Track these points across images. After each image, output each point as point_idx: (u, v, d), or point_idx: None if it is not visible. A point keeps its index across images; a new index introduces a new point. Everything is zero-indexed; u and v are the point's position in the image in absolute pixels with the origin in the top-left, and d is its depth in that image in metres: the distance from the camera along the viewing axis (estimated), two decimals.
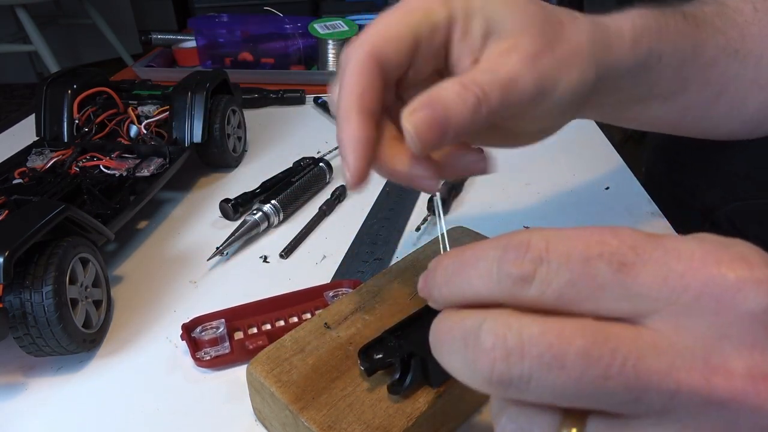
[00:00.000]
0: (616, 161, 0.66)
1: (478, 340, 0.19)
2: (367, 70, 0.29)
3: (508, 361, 0.18)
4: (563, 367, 0.17)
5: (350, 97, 0.29)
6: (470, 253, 0.21)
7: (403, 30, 0.29)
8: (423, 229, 0.54)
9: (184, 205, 0.61)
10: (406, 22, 0.29)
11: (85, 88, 0.63)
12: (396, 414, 0.30)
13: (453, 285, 0.21)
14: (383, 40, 0.29)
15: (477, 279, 0.20)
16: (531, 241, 0.19)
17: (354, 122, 0.28)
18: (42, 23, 2.59)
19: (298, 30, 0.95)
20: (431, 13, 0.30)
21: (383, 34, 0.29)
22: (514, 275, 0.19)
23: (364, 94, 0.29)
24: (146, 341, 0.43)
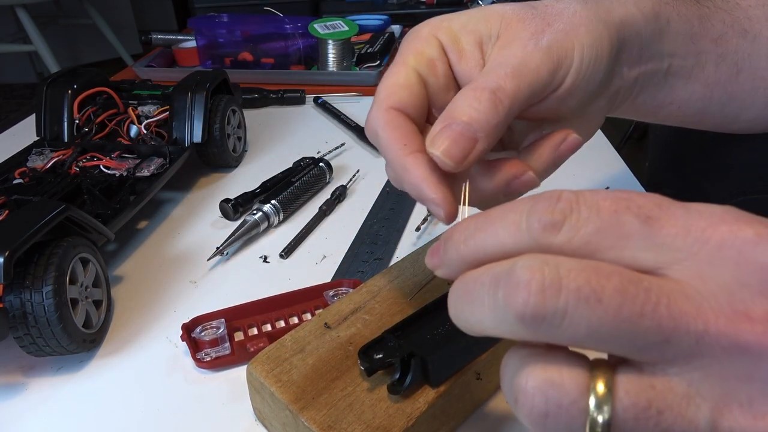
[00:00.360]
0: (616, 161, 0.66)
1: (513, 276, 0.19)
2: (394, 121, 0.30)
3: (544, 294, 0.18)
4: (600, 302, 0.18)
5: (396, 147, 0.29)
6: (497, 209, 0.21)
7: (404, 76, 0.31)
8: (423, 229, 0.54)
9: (184, 205, 0.61)
10: (405, 68, 0.31)
11: (85, 88, 0.63)
12: (396, 414, 0.30)
13: (476, 239, 0.21)
14: (393, 93, 0.30)
15: (503, 230, 0.20)
16: (562, 194, 0.20)
17: (412, 165, 0.29)
18: (42, 23, 2.59)
19: (298, 30, 0.95)
20: (422, 51, 0.31)
21: (390, 87, 0.31)
22: (544, 221, 0.19)
23: (405, 139, 0.29)
24: (146, 341, 0.43)
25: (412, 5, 1.28)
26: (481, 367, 0.34)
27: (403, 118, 0.30)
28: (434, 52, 0.31)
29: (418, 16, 1.25)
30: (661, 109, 0.40)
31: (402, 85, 0.31)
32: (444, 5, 1.26)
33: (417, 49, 0.31)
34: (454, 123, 0.28)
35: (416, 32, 0.33)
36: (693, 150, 0.61)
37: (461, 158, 0.27)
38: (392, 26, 1.16)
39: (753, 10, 0.39)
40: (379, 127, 0.30)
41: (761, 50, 0.39)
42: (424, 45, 0.32)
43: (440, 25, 0.32)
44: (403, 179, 0.29)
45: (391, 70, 0.32)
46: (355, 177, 0.64)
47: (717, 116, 0.42)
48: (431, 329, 0.33)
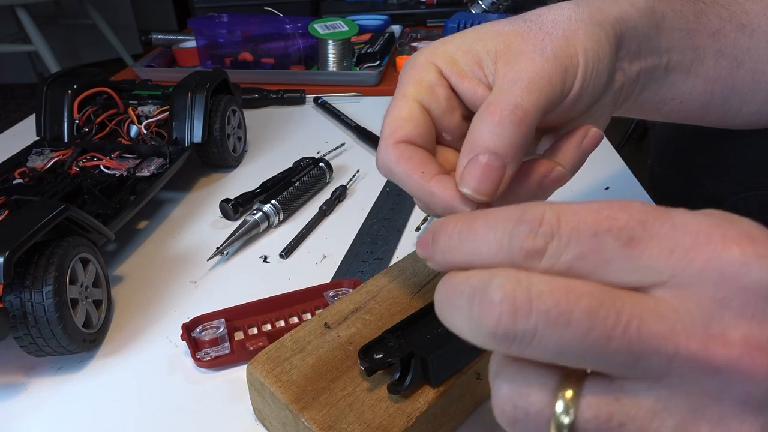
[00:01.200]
0: (616, 161, 0.66)
1: (486, 294, 0.19)
2: (405, 153, 0.30)
3: (515, 316, 0.18)
4: (569, 324, 0.18)
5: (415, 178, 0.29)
6: (481, 222, 0.21)
7: (407, 108, 0.31)
8: (423, 229, 0.54)
9: (184, 205, 0.61)
10: (406, 101, 0.31)
11: (85, 88, 0.63)
12: (396, 414, 0.30)
13: (459, 252, 0.21)
14: (399, 127, 0.30)
15: (486, 248, 0.20)
16: (544, 215, 0.19)
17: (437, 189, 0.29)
18: (42, 23, 2.59)
19: (298, 30, 0.95)
20: (420, 80, 0.31)
21: (395, 122, 0.31)
22: (526, 248, 0.19)
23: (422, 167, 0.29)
24: (146, 341, 0.43)
25: (412, 5, 1.28)
26: (482, 367, 0.34)
27: (412, 148, 0.30)
28: (433, 78, 0.31)
29: (418, 16, 1.25)
30: (664, 105, 0.40)
31: (406, 118, 0.31)
32: (444, 5, 1.26)
33: (415, 78, 0.32)
34: (480, 154, 0.27)
35: (412, 62, 0.33)
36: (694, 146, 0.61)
37: (493, 190, 0.27)
38: (392, 26, 1.16)
39: (750, 4, 0.39)
40: (392, 162, 0.30)
41: (760, 44, 0.39)
42: (421, 73, 0.32)
43: (435, 50, 0.32)
44: (433, 205, 0.29)
45: (393, 104, 0.32)
46: (355, 177, 0.64)
47: (719, 111, 0.42)
48: (431, 329, 0.33)
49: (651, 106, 0.39)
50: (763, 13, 0.39)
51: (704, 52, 0.38)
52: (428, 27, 1.22)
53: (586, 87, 0.31)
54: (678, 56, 0.37)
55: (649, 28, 0.34)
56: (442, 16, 1.20)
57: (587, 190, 0.60)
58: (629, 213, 0.19)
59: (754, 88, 0.41)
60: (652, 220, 0.19)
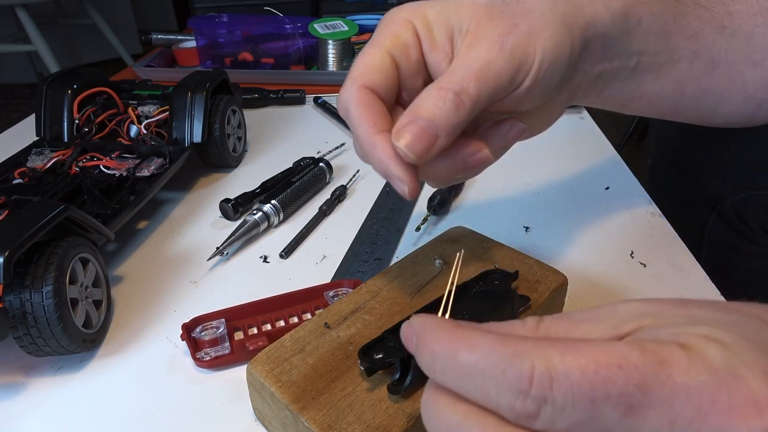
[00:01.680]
0: (616, 161, 0.66)
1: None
2: (366, 99, 0.31)
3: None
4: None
5: (365, 125, 0.31)
6: (465, 356, 0.19)
7: (379, 57, 0.32)
8: (423, 229, 0.54)
9: (184, 205, 0.61)
10: (380, 50, 0.32)
11: (85, 88, 0.63)
12: (396, 414, 0.30)
13: (444, 379, 0.20)
14: (367, 72, 0.32)
15: (472, 390, 0.19)
16: (534, 373, 0.18)
17: (380, 144, 0.30)
18: (42, 23, 2.59)
19: (298, 30, 0.95)
20: (398, 35, 0.32)
21: (365, 67, 0.32)
22: (517, 410, 0.18)
23: (375, 118, 0.31)
24: (146, 341, 0.43)
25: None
26: None
27: (374, 97, 0.32)
28: (409, 38, 0.33)
29: None
30: (630, 102, 0.40)
31: (376, 66, 0.32)
32: None
33: (393, 32, 0.33)
34: (419, 119, 0.29)
35: (393, 15, 0.33)
36: (695, 146, 0.61)
37: (423, 152, 0.29)
38: None
39: (735, 5, 0.39)
40: (351, 103, 0.31)
41: (739, 45, 0.39)
42: (400, 29, 0.33)
43: (417, 11, 0.33)
44: (370, 156, 0.31)
45: (366, 50, 0.33)
46: (355, 177, 0.64)
47: (691, 110, 0.42)
48: None
49: (615, 102, 0.40)
50: (746, 13, 0.39)
51: (679, 53, 0.38)
52: None
53: (537, 85, 0.32)
54: (649, 58, 0.37)
55: (619, 33, 0.35)
56: None
57: (587, 190, 0.60)
58: (627, 373, 0.18)
59: (731, 89, 0.41)
60: (651, 382, 0.17)
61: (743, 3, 0.39)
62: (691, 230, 0.61)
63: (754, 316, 0.20)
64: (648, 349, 0.18)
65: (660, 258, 0.49)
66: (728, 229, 0.58)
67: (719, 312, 0.20)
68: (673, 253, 0.50)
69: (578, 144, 0.69)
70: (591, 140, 0.71)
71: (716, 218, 0.59)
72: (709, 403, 0.17)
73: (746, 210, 0.56)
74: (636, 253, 0.50)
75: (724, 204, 0.58)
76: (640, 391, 0.17)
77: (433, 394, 0.21)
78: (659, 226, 0.54)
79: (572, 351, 0.18)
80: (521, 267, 0.40)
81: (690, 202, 0.61)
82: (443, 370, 0.20)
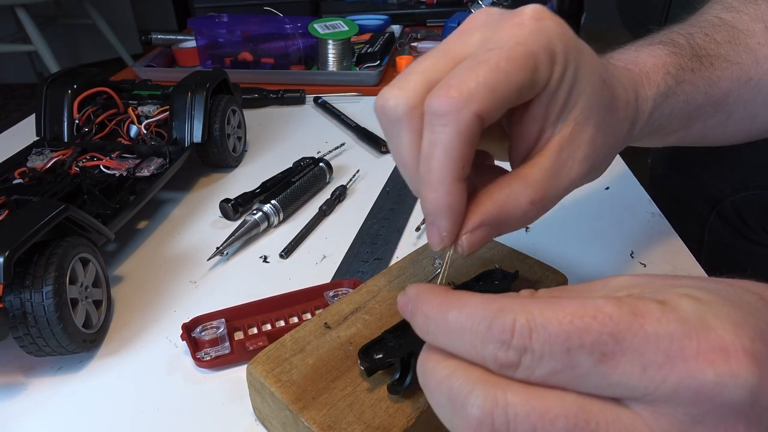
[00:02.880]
0: (616, 161, 0.66)
1: (465, 409, 0.20)
2: (473, 134, 0.25)
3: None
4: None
5: (453, 166, 0.25)
6: (454, 317, 0.21)
7: (511, 87, 0.25)
8: (423, 229, 0.54)
9: (184, 205, 0.61)
10: (515, 77, 0.25)
11: (85, 88, 0.63)
12: (396, 414, 0.30)
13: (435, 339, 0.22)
14: (493, 101, 0.25)
15: (460, 346, 0.21)
16: (515, 325, 0.19)
17: (455, 194, 0.26)
18: (42, 23, 2.59)
19: (298, 30, 0.95)
20: (537, 70, 0.26)
21: (493, 92, 0.25)
22: (500, 360, 0.20)
23: (465, 160, 0.25)
24: (146, 341, 0.43)
25: (412, 5, 1.28)
26: None
27: (478, 134, 0.26)
28: (542, 81, 0.27)
29: (418, 16, 1.25)
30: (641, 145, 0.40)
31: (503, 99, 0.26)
32: (444, 5, 1.26)
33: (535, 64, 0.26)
34: (494, 228, 0.28)
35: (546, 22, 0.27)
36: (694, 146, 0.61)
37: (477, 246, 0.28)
38: (392, 26, 1.16)
39: (762, 49, 0.38)
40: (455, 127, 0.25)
41: (761, 93, 0.39)
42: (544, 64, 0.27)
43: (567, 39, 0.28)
44: (432, 188, 0.26)
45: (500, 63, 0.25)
46: (355, 177, 0.64)
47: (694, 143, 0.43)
48: None
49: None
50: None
51: (696, 120, 0.38)
52: (428, 27, 1.22)
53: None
54: (664, 129, 0.37)
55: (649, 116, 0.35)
56: (442, 16, 1.20)
57: (587, 190, 0.60)
58: (601, 323, 0.19)
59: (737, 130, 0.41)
60: (624, 331, 0.18)
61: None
62: (691, 230, 0.61)
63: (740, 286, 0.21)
64: (624, 303, 0.19)
65: (660, 258, 0.49)
66: (728, 229, 0.58)
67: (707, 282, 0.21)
68: (673, 253, 0.50)
69: None
70: None
71: (716, 218, 0.59)
72: (678, 349, 0.18)
73: (746, 210, 0.56)
74: (636, 253, 0.50)
75: (724, 204, 0.58)
76: (612, 339, 0.18)
77: (426, 355, 0.23)
78: (659, 226, 0.54)
79: (552, 306, 0.19)
80: (521, 267, 0.40)
81: (690, 202, 0.61)
82: (435, 330, 0.22)
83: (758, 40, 0.39)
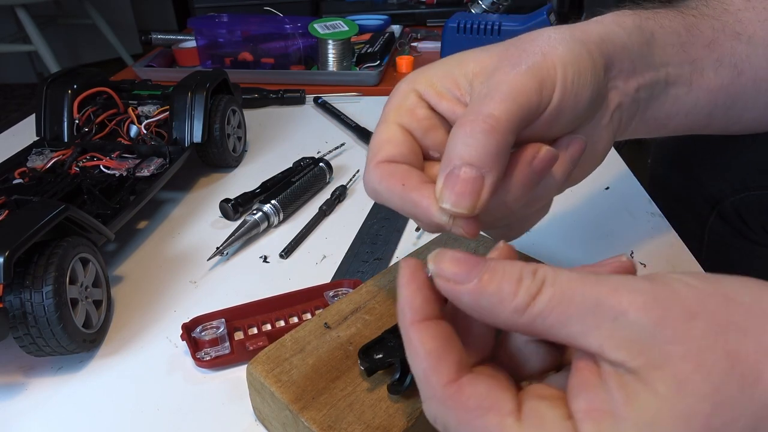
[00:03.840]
0: (616, 161, 0.66)
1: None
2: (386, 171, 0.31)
3: None
4: None
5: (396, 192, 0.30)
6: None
7: (387, 131, 0.32)
8: (423, 229, 0.54)
9: (184, 205, 0.61)
10: (386, 125, 0.32)
11: (85, 88, 0.63)
12: (396, 414, 0.30)
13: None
14: (380, 149, 0.31)
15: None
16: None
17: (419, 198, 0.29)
18: (42, 23, 2.59)
19: (298, 30, 0.95)
20: (400, 105, 0.32)
21: (378, 145, 0.32)
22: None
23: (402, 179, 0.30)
24: (146, 341, 0.43)
25: (412, 5, 1.28)
26: None
27: (393, 165, 0.30)
28: (412, 101, 0.32)
29: (418, 16, 1.25)
30: (670, 121, 0.40)
31: (386, 140, 0.31)
32: (444, 5, 1.26)
33: (395, 104, 0.32)
34: (454, 167, 0.27)
35: (394, 91, 0.33)
36: (695, 146, 0.61)
37: (473, 202, 0.27)
38: (392, 26, 1.16)
39: (743, 13, 0.39)
40: (375, 182, 0.30)
41: (758, 50, 0.39)
42: (401, 99, 0.32)
43: (415, 78, 0.33)
44: (417, 216, 0.29)
45: (375, 130, 0.33)
46: (355, 177, 0.64)
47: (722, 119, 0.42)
48: None
49: (657, 123, 0.39)
50: (757, 20, 0.39)
51: (702, 63, 0.38)
52: (428, 27, 1.22)
53: (567, 100, 0.30)
54: (676, 70, 0.37)
55: (639, 45, 0.34)
56: (442, 16, 1.20)
57: (587, 190, 0.60)
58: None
59: (756, 96, 0.41)
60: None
61: (750, 11, 0.39)
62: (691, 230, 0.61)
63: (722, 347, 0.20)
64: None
65: (660, 258, 0.49)
66: (729, 229, 0.58)
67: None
68: (673, 253, 0.50)
69: None
70: None
71: (716, 218, 0.59)
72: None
73: (747, 210, 0.56)
74: (636, 253, 0.50)
75: (725, 204, 0.58)
76: None
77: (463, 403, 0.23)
78: (659, 226, 0.54)
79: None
80: None
81: (690, 202, 0.61)
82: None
83: (737, 6, 0.39)
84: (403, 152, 0.31)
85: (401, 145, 0.31)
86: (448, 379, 0.22)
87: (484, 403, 0.22)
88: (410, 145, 0.32)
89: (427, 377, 0.23)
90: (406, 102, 0.32)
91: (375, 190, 0.31)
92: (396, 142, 0.31)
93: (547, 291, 0.21)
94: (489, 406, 0.21)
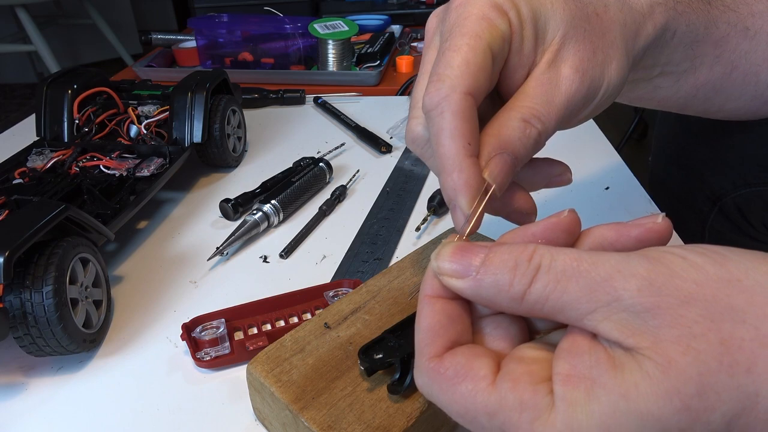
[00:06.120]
0: (616, 161, 0.66)
1: None
2: (468, 111, 0.27)
3: None
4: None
5: (459, 144, 0.27)
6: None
7: (482, 55, 0.27)
8: (423, 229, 0.54)
9: (184, 205, 0.61)
10: (481, 43, 0.27)
11: (85, 88, 0.63)
12: (396, 414, 0.30)
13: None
14: (471, 74, 0.27)
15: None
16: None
17: (468, 169, 0.27)
18: (42, 23, 2.59)
19: (298, 30, 0.95)
20: (496, 26, 0.28)
21: (467, 66, 0.27)
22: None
23: (470, 136, 0.27)
24: (146, 341, 0.43)
25: (412, 5, 1.28)
26: None
27: (474, 110, 0.27)
28: (506, 31, 0.28)
29: (418, 16, 1.25)
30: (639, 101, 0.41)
31: (479, 65, 0.27)
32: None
33: (490, 22, 0.28)
34: (506, 153, 0.27)
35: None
36: (696, 142, 0.61)
37: (504, 185, 0.28)
38: (392, 26, 1.16)
39: (757, 5, 0.39)
40: (448, 111, 0.26)
41: (760, 46, 0.39)
42: (497, 19, 0.28)
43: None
44: (446, 179, 0.27)
45: (458, 43, 0.27)
46: (355, 177, 0.64)
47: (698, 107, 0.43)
48: None
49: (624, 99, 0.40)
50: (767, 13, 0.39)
51: (702, 60, 0.38)
52: None
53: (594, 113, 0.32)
54: (672, 68, 0.37)
55: (653, 48, 0.35)
56: None
57: (587, 190, 0.60)
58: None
59: (742, 88, 0.41)
60: None
61: (764, 3, 0.39)
62: (692, 226, 0.61)
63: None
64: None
65: None
66: (730, 226, 0.58)
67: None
68: None
69: (578, 144, 0.69)
70: (591, 140, 0.71)
71: (717, 214, 0.59)
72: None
73: (748, 206, 0.56)
74: None
75: (726, 200, 0.58)
76: None
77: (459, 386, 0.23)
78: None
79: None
80: None
81: (691, 198, 0.61)
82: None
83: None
84: (485, 90, 0.28)
85: (490, 79, 0.28)
86: (435, 354, 0.23)
87: (461, 372, 0.23)
88: (493, 83, 0.29)
89: (420, 350, 0.24)
90: (501, 26, 0.28)
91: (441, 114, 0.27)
92: (487, 73, 0.27)
93: (542, 279, 0.22)
94: (464, 373, 0.23)
